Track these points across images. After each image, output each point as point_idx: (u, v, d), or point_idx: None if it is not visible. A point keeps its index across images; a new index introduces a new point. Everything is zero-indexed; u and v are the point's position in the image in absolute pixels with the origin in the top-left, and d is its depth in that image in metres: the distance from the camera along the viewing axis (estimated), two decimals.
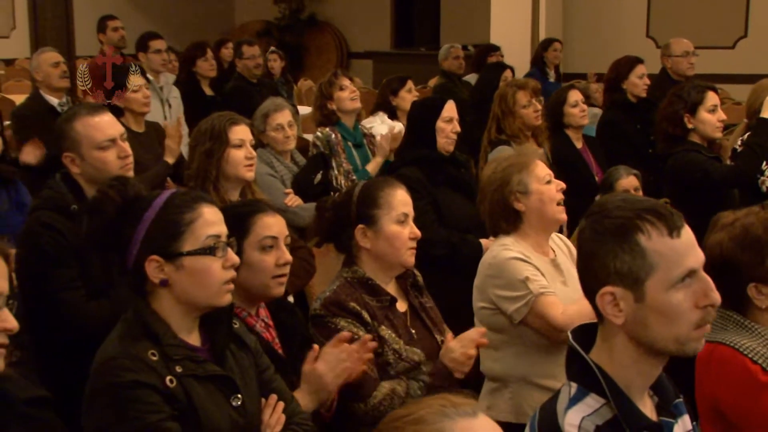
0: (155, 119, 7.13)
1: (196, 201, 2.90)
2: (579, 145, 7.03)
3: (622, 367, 2.42)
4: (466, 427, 1.91)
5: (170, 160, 6.21)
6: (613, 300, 2.38)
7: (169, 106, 8.21)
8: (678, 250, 2.35)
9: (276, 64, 11.38)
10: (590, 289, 2.42)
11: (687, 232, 2.37)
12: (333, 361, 3.33)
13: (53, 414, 2.61)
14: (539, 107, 6.67)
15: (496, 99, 6.76)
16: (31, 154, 6.54)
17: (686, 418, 2.59)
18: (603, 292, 2.38)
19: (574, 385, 2.43)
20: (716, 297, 2.37)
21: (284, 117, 6.29)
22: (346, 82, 6.98)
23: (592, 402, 2.39)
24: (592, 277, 2.41)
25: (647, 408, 2.47)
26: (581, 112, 7.04)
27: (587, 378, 2.42)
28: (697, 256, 2.38)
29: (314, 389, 3.31)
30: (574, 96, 7.04)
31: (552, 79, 11.27)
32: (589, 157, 7.05)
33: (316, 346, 3.40)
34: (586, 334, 2.51)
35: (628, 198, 2.47)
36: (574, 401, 2.40)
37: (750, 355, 3.20)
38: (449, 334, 3.84)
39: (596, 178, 6.77)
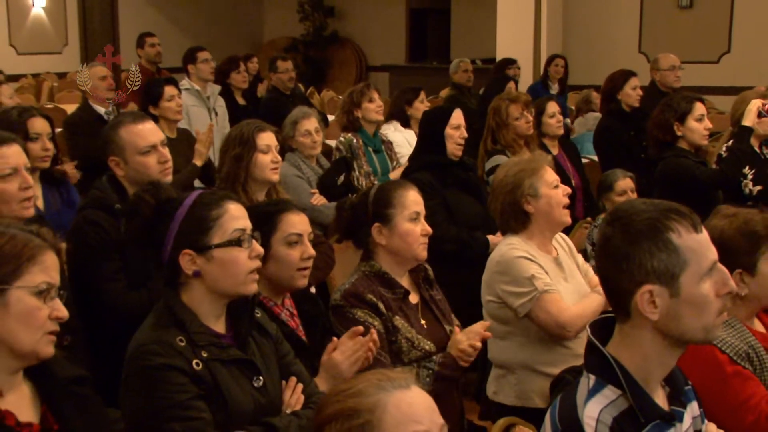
0: (203, 126, 7.13)
1: (221, 199, 2.92)
2: (555, 151, 6.94)
3: (645, 360, 2.39)
4: (401, 398, 1.96)
5: (198, 162, 6.23)
6: (650, 297, 2.34)
7: (216, 113, 8.23)
8: (703, 244, 2.35)
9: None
10: (622, 290, 2.37)
11: (703, 228, 2.37)
12: (348, 351, 3.33)
13: (92, 390, 2.60)
14: (530, 118, 6.62)
15: (490, 112, 6.70)
16: None
17: (694, 404, 2.58)
18: (643, 291, 2.34)
19: (592, 378, 2.41)
20: (733, 285, 2.38)
21: (311, 124, 6.29)
22: (375, 95, 7.00)
23: (609, 393, 2.37)
24: (626, 278, 2.36)
25: (660, 398, 2.45)
26: (557, 122, 7.03)
27: (605, 371, 2.39)
28: (714, 249, 2.37)
29: (331, 376, 3.29)
30: (552, 108, 7.03)
31: (554, 92, 11.22)
32: (566, 162, 6.99)
33: (334, 338, 3.40)
34: (603, 328, 2.49)
35: (647, 201, 2.43)
36: (592, 393, 2.38)
37: (719, 345, 3.18)
38: (457, 327, 3.85)
39: (572, 182, 6.74)
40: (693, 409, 2.56)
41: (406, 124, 7.62)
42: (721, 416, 3.17)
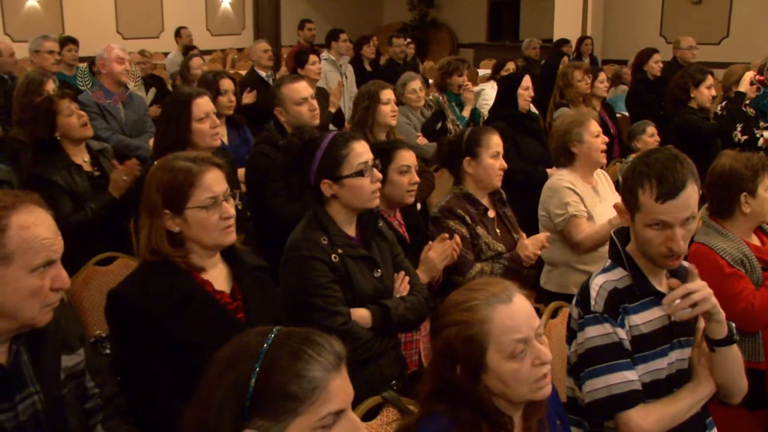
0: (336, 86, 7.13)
1: (348, 140, 2.86)
2: (598, 108, 6.76)
3: (642, 253, 2.37)
4: (504, 312, 1.86)
5: (332, 109, 6.23)
6: (621, 212, 2.38)
7: (345, 77, 8.17)
8: (657, 210, 2.25)
9: (410, 51, 11.23)
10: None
11: (675, 202, 2.23)
12: (439, 250, 3.31)
13: (268, 275, 2.61)
14: (589, 81, 6.56)
15: (559, 75, 6.67)
16: (248, 98, 6.76)
17: None
18: (620, 205, 2.38)
19: (609, 261, 2.42)
20: (677, 248, 2.27)
21: (416, 84, 6.23)
22: (465, 72, 6.81)
23: (617, 272, 2.39)
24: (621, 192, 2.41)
25: (662, 285, 2.40)
26: (605, 87, 6.90)
27: (617, 257, 2.39)
28: (674, 216, 2.25)
29: (427, 268, 3.29)
30: (602, 76, 6.90)
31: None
32: (606, 117, 6.78)
33: (430, 242, 3.38)
34: (626, 232, 2.46)
35: (661, 157, 2.29)
36: (604, 270, 2.41)
37: (720, 253, 3.14)
38: (523, 235, 3.78)
39: (611, 130, 6.61)
40: None
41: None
42: (721, 305, 3.10)
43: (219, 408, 1.38)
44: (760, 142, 5.86)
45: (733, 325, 2.35)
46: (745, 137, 5.88)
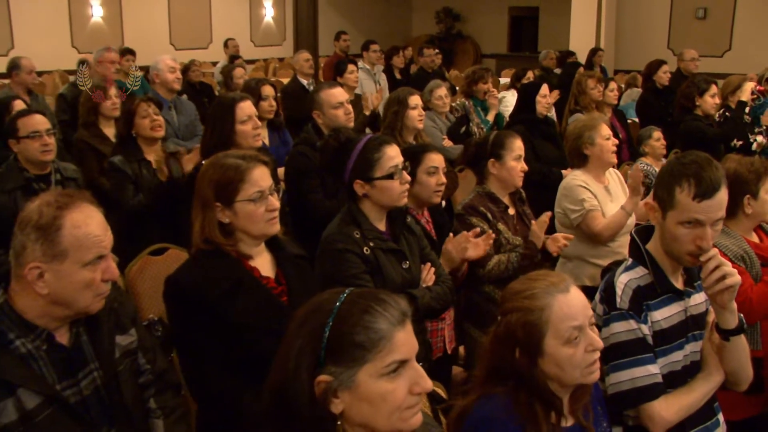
0: (371, 91, 7.12)
1: (381, 144, 2.85)
2: (609, 114, 6.66)
3: (665, 252, 2.33)
4: (562, 301, 1.87)
5: (366, 112, 6.22)
6: (652, 209, 2.31)
7: (379, 84, 8.15)
8: (693, 208, 2.21)
9: (437, 60, 11.16)
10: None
11: (710, 202, 2.20)
12: (456, 244, 3.28)
13: (309, 265, 2.62)
14: (601, 89, 6.50)
15: (574, 84, 6.61)
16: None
17: (704, 293, 2.44)
18: (651, 203, 2.32)
19: (630, 260, 2.38)
20: (707, 246, 2.22)
21: (442, 91, 6.23)
22: (491, 80, 6.80)
23: (639, 271, 2.35)
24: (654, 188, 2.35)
25: (678, 282, 2.37)
26: (615, 95, 6.79)
27: (639, 256, 2.36)
28: (708, 216, 2.21)
29: (446, 259, 3.26)
30: (613, 85, 6.81)
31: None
32: (615, 122, 6.68)
33: (451, 235, 3.35)
34: (646, 230, 2.43)
35: (698, 159, 2.26)
36: (627, 269, 2.37)
37: (722, 249, 3.04)
38: (534, 222, 3.73)
39: (620, 135, 6.48)
40: (702, 295, 2.44)
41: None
42: None
43: (297, 356, 1.45)
44: (754, 146, 5.82)
45: (742, 315, 2.32)
46: (740, 142, 5.85)
